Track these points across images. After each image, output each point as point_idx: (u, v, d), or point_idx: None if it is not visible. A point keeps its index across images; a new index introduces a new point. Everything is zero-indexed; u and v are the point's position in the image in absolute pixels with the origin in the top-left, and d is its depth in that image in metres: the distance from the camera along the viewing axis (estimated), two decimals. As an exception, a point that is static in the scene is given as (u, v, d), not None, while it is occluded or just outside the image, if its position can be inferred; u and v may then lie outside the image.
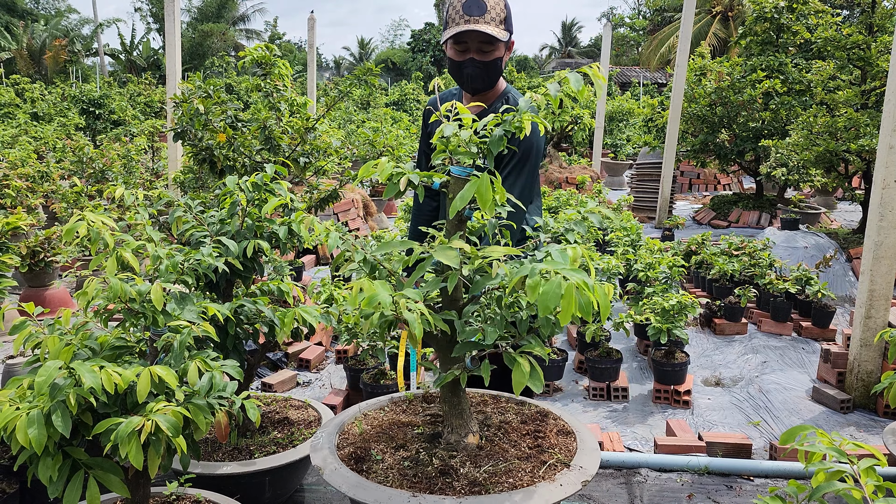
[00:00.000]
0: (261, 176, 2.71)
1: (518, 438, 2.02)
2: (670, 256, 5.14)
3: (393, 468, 1.89)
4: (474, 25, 2.31)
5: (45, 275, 5.49)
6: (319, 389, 4.46)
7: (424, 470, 1.85)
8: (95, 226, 2.02)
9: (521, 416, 2.19)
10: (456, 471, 1.82)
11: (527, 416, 2.20)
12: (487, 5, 2.33)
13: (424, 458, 1.91)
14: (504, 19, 2.38)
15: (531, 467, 1.85)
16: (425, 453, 1.93)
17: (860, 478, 1.40)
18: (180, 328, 2.08)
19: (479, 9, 2.32)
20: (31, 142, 11.50)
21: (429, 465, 1.87)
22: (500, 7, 2.36)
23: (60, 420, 1.82)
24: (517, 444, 1.98)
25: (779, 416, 4.05)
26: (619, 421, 4.04)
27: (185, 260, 2.32)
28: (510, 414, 2.22)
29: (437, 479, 1.80)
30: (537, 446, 1.97)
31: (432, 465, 1.87)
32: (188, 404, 1.99)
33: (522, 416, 2.19)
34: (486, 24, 2.32)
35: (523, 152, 2.45)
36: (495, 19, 2.35)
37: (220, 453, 2.75)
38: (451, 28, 2.37)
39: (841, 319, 5.94)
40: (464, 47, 2.40)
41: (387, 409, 2.32)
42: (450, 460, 1.88)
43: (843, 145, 7.04)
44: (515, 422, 2.14)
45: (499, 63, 2.44)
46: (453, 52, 2.44)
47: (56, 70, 33.40)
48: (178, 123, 4.19)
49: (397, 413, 2.28)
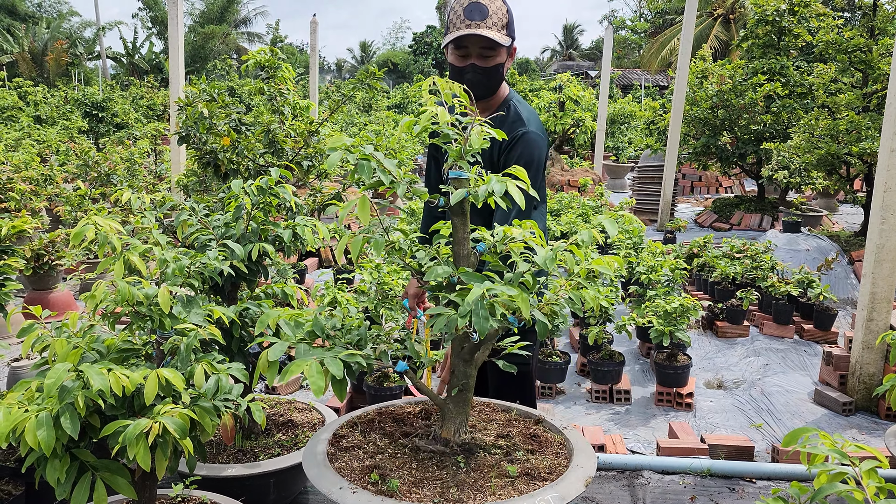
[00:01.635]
0: (265, 180, 2.73)
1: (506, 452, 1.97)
2: (672, 259, 5.15)
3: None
4: (475, 30, 2.31)
5: (49, 278, 5.51)
6: (323, 392, 4.48)
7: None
8: (103, 230, 2.04)
9: (520, 429, 2.14)
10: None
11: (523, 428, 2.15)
12: (489, 10, 2.33)
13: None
14: (506, 25, 2.38)
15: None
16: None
17: (862, 479, 1.42)
18: (187, 331, 2.10)
19: (480, 14, 2.32)
20: (35, 145, 11.53)
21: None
22: (501, 13, 2.36)
23: (69, 422, 1.83)
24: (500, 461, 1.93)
25: (781, 419, 4.06)
26: (622, 423, 4.05)
27: (191, 263, 2.34)
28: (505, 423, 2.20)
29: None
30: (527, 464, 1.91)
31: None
32: (194, 406, 2.00)
33: (521, 430, 2.14)
34: (487, 28, 2.32)
35: (528, 159, 2.45)
36: (497, 24, 2.34)
37: (225, 455, 2.76)
38: (452, 32, 2.37)
39: (843, 322, 5.94)
40: (465, 52, 2.39)
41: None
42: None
43: (844, 148, 7.05)
44: (514, 432, 2.11)
45: (500, 69, 2.43)
46: (454, 58, 2.44)
47: (58, 73, 33.47)
48: (183, 127, 4.21)
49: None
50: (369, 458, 1.90)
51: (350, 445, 2.01)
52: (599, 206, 8.35)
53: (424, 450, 1.91)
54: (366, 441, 2.04)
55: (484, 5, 2.33)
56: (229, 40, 39.91)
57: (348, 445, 2.01)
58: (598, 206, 8.16)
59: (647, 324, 4.45)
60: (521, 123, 2.45)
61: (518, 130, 2.43)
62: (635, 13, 43.80)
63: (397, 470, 1.82)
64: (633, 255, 5.72)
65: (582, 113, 11.88)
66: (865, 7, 7.91)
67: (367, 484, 1.75)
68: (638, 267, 5.15)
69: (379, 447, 1.97)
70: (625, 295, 5.52)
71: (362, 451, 1.96)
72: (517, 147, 2.41)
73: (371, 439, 2.04)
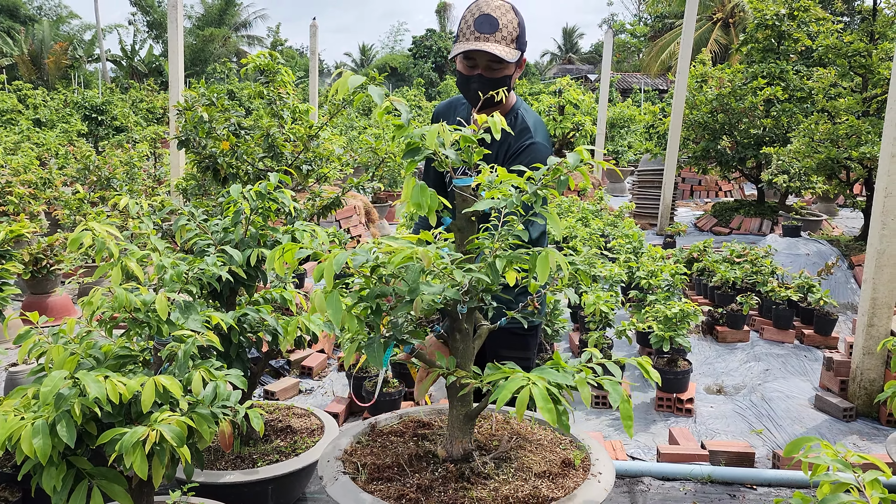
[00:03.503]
0: (265, 185, 2.72)
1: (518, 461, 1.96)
2: (672, 264, 5.14)
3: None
4: (483, 44, 2.29)
5: (47, 282, 5.50)
6: (322, 397, 4.46)
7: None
8: (100, 236, 2.02)
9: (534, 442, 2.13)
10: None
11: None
12: (500, 23, 2.30)
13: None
14: (516, 38, 2.35)
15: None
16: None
17: (865, 490, 1.40)
18: (184, 337, 2.09)
19: (490, 27, 2.30)
20: (34, 148, 11.53)
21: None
22: (512, 26, 2.34)
23: (65, 430, 1.82)
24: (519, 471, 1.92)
25: (781, 425, 4.04)
26: (622, 429, 4.03)
27: (189, 269, 2.33)
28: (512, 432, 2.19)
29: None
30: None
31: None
32: (192, 414, 1.99)
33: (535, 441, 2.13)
34: (496, 42, 2.31)
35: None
36: (506, 38, 2.32)
37: (223, 462, 2.75)
38: (461, 43, 2.36)
39: (843, 327, 5.93)
40: (472, 63, 2.39)
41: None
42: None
43: (844, 153, 7.05)
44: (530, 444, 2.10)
45: (507, 80, 2.41)
46: (462, 66, 2.43)
47: (58, 75, 33.50)
48: (182, 131, 4.20)
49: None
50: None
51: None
52: (599, 210, 8.34)
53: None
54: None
55: (495, 18, 2.30)
56: (229, 43, 39.95)
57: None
58: (597, 210, 8.15)
59: (647, 329, 4.44)
60: (528, 133, 2.45)
61: (525, 140, 2.43)
62: (635, 17, 43.88)
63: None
64: (633, 259, 5.71)
65: (581, 117, 11.88)
66: (865, 11, 7.91)
67: None
68: (638, 272, 5.14)
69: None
70: (625, 300, 5.51)
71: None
72: (523, 156, 2.40)
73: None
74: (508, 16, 2.33)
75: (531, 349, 2.73)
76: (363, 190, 5.10)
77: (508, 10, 2.34)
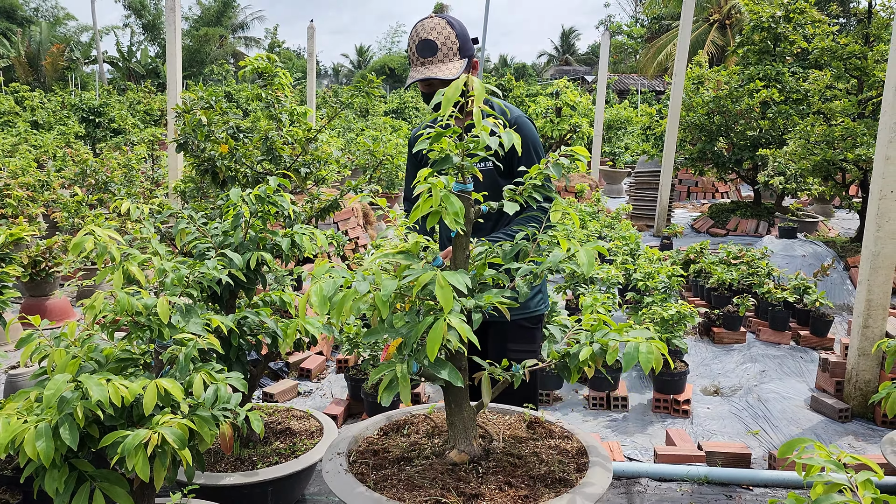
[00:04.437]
0: (264, 188, 2.74)
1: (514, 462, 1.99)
2: (669, 266, 5.17)
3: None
4: (429, 69, 2.47)
5: (46, 284, 5.51)
6: (321, 399, 4.48)
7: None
8: (102, 240, 2.04)
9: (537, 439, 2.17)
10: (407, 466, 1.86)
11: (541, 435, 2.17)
12: (438, 44, 2.47)
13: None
14: (459, 49, 2.51)
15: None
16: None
17: (858, 490, 1.43)
18: (185, 341, 2.11)
19: (430, 50, 2.47)
20: (31, 150, 11.52)
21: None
22: (451, 41, 2.49)
23: (68, 433, 1.84)
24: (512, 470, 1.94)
25: (778, 426, 4.07)
26: (619, 430, 4.06)
27: (190, 273, 2.34)
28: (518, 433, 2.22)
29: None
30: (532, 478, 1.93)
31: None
32: (193, 416, 2.01)
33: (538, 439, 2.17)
34: (439, 63, 2.47)
35: (532, 142, 2.61)
36: (448, 54, 2.48)
37: (223, 464, 2.76)
38: (412, 70, 2.55)
39: (839, 328, 5.96)
40: (427, 84, 2.56)
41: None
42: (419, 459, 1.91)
43: (840, 154, 7.08)
44: (530, 442, 2.12)
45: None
46: (421, 87, 2.61)
47: (55, 77, 33.45)
48: (181, 135, 4.22)
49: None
50: None
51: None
52: (596, 211, 8.36)
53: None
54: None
55: (433, 41, 2.47)
56: (226, 44, 39.92)
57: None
58: (595, 212, 8.18)
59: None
60: (506, 114, 2.61)
61: (508, 120, 2.59)
62: (632, 18, 43.92)
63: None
64: (630, 261, 5.74)
65: (578, 118, 11.91)
66: (860, 14, 7.95)
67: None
68: (635, 273, 5.16)
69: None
70: (622, 301, 5.53)
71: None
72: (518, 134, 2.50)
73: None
74: (445, 32, 2.48)
75: (538, 341, 2.75)
76: (361, 191, 5.12)
77: (444, 26, 2.49)
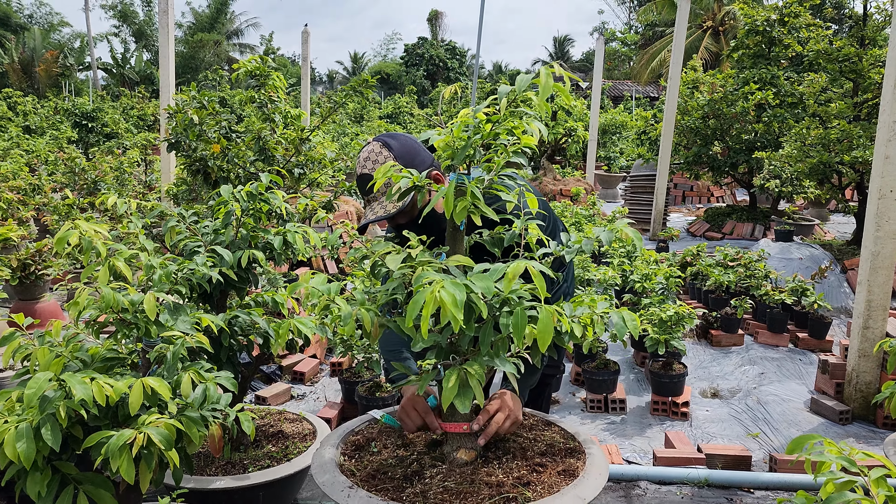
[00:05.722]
0: (256, 185, 2.68)
1: (519, 463, 1.92)
2: (666, 268, 5.12)
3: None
4: (375, 210, 2.09)
5: (35, 287, 5.43)
6: (314, 402, 4.41)
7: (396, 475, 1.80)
8: (87, 234, 1.98)
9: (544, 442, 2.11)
10: (425, 480, 1.77)
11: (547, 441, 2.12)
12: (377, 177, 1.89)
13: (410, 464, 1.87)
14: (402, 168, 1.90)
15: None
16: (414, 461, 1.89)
17: (871, 488, 1.37)
18: (174, 339, 2.04)
19: (372, 186, 2.00)
20: (23, 155, 11.44)
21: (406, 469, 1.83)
22: (390, 165, 1.83)
23: (50, 433, 1.77)
24: (511, 470, 1.88)
25: (778, 428, 4.01)
26: (618, 433, 4.00)
27: (178, 269, 2.28)
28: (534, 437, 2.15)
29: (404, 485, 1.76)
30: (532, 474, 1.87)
31: (409, 469, 1.83)
32: (181, 417, 1.95)
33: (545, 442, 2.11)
34: (382, 197, 2.08)
35: None
36: (391, 183, 2.02)
37: (214, 467, 2.69)
38: (365, 210, 2.17)
39: (837, 330, 5.92)
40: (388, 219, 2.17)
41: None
42: (429, 468, 1.83)
43: (836, 157, 7.06)
44: (536, 446, 2.06)
45: (426, 205, 1.93)
46: (389, 223, 2.25)
47: (48, 84, 33.35)
48: (172, 134, 4.16)
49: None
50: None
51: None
52: (592, 214, 8.32)
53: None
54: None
55: (370, 175, 2.06)
56: (220, 51, 39.87)
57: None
58: (590, 215, 8.14)
59: (642, 332, 4.41)
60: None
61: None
62: (626, 25, 44.07)
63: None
64: (627, 263, 5.69)
65: (573, 122, 11.88)
66: (855, 17, 7.95)
67: None
68: (632, 275, 5.11)
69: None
70: (619, 303, 5.48)
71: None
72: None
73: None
74: (380, 159, 2.08)
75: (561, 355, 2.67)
76: (355, 193, 5.06)
77: (379, 152, 2.09)
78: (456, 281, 1.28)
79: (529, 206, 1.95)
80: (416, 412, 1.97)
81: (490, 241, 1.95)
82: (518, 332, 1.44)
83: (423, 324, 1.21)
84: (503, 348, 1.54)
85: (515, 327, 1.44)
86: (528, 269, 1.47)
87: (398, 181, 1.65)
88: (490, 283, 1.38)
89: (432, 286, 1.24)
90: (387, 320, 1.73)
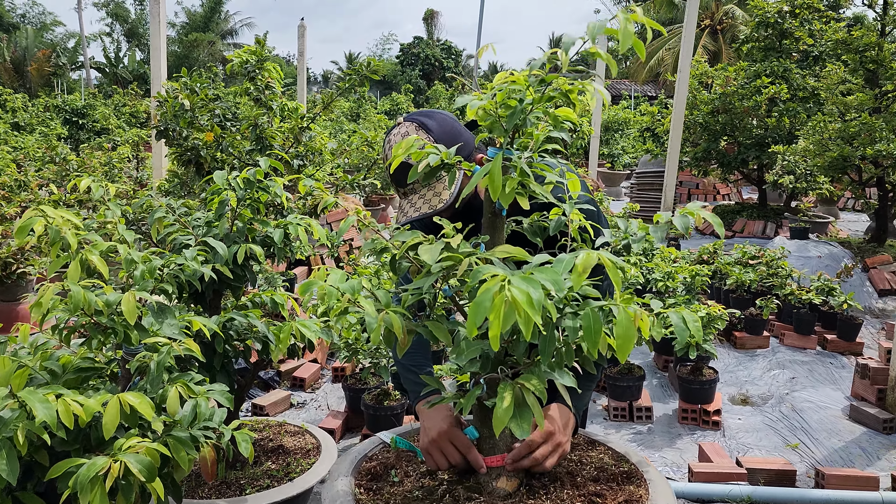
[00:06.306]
0: (253, 171, 2.37)
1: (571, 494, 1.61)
2: (688, 265, 4.82)
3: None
4: (413, 204, 1.73)
5: (17, 288, 5.11)
6: (315, 411, 4.10)
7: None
8: (54, 223, 1.66)
9: (592, 465, 1.82)
10: None
11: (596, 464, 1.83)
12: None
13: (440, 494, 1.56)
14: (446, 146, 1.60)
15: None
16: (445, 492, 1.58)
17: None
18: (158, 346, 1.73)
19: (406, 175, 1.63)
20: (11, 151, 11.09)
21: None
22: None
23: (6, 463, 1.46)
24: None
25: (818, 438, 3.72)
26: (646, 444, 3.69)
27: (164, 265, 1.97)
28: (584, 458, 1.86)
29: None
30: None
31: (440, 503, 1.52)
32: (167, 438, 1.64)
33: (593, 465, 1.82)
34: (422, 189, 1.73)
35: None
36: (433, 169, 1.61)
37: (206, 489, 2.38)
38: (402, 207, 1.80)
39: (863, 332, 5.63)
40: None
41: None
42: (465, 502, 1.51)
43: (857, 151, 6.76)
44: (584, 471, 1.76)
45: (475, 189, 1.71)
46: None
47: (40, 83, 32.96)
48: (161, 121, 3.84)
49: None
50: None
51: None
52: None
53: None
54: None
55: (406, 164, 1.67)
56: (214, 50, 39.50)
57: None
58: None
59: (668, 335, 4.10)
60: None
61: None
62: (623, 24, 43.88)
63: None
64: (644, 261, 5.38)
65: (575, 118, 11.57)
66: (875, 5, 7.65)
67: None
68: (653, 274, 4.81)
69: None
70: (640, 303, 5.18)
71: None
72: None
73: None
74: (419, 143, 1.58)
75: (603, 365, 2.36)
76: (358, 187, 4.75)
77: (415, 132, 1.74)
78: (527, 276, 0.97)
79: (570, 189, 1.67)
80: (453, 448, 1.61)
81: (531, 230, 1.65)
82: (591, 337, 1.13)
83: (493, 331, 0.89)
84: (568, 357, 1.23)
85: (587, 331, 1.14)
86: (602, 260, 1.17)
87: (450, 174, 1.34)
88: (559, 277, 1.07)
89: (495, 283, 0.93)
90: (416, 324, 1.42)
